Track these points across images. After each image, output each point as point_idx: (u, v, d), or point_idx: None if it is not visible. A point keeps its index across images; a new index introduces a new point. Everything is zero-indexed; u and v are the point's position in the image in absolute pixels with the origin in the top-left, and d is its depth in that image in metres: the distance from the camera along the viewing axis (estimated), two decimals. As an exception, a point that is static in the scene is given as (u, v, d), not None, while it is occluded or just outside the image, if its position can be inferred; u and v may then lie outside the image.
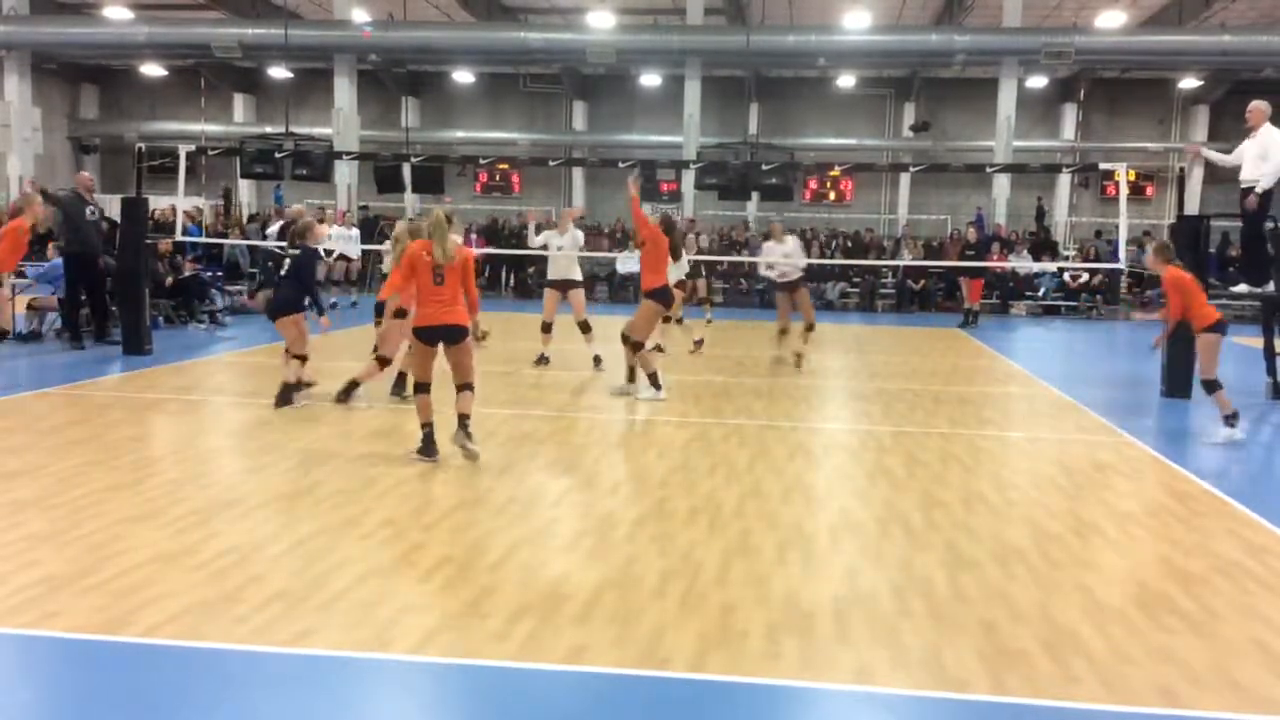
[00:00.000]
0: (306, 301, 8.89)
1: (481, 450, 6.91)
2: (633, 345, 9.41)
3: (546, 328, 11.44)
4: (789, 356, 11.98)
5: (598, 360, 11.29)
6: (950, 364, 12.89)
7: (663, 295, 9.54)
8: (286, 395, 8.68)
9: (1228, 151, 10.43)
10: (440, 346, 6.96)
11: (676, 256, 10.30)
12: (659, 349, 12.36)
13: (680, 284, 12.58)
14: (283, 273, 8.88)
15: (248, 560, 4.76)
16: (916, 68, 27.17)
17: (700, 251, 20.01)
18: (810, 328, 12.12)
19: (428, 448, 6.88)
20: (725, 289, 22.27)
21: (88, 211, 12.00)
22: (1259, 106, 10.06)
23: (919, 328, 17.97)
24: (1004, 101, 23.21)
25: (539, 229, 12.14)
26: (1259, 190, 9.89)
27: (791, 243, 12.34)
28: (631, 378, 9.61)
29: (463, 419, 6.90)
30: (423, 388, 6.99)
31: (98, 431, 7.50)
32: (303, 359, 8.84)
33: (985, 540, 5.40)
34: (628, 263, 19.70)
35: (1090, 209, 27.99)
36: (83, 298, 12.09)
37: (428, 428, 6.93)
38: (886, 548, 5.24)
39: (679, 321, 12.93)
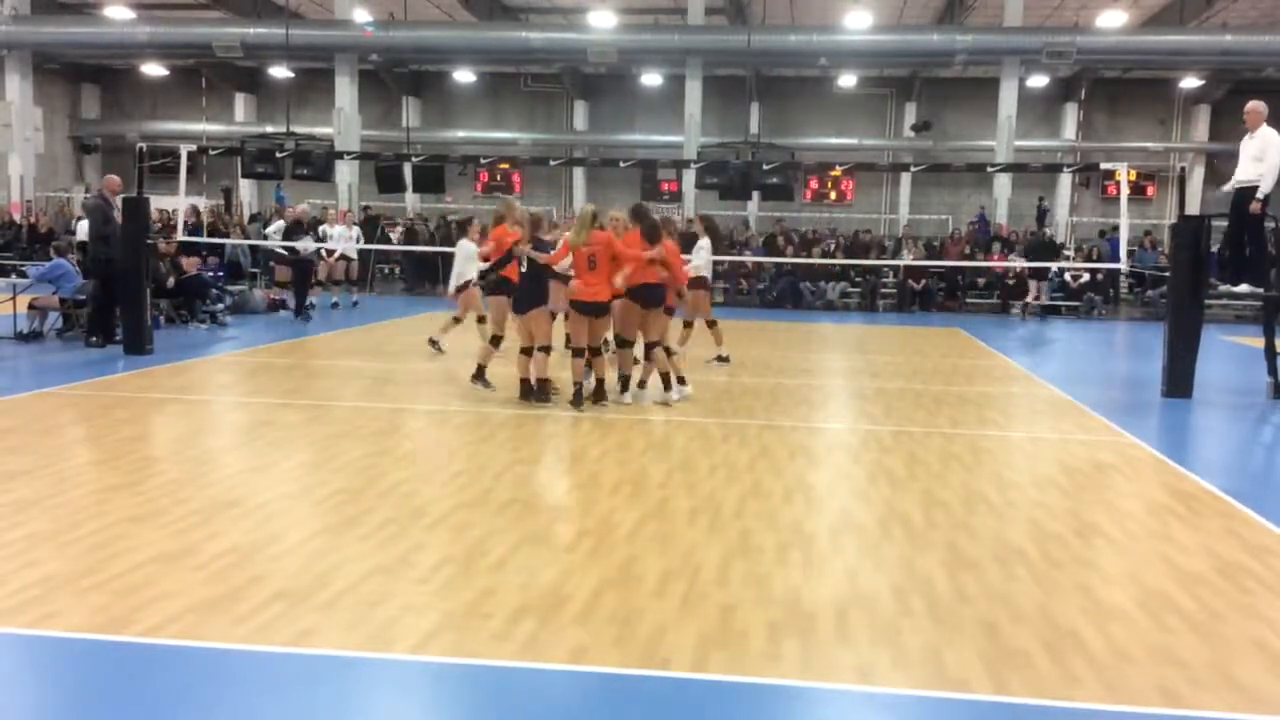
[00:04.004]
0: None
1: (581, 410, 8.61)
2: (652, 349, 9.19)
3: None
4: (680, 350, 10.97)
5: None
6: (951, 364, 12.88)
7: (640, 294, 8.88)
8: (544, 392, 8.87)
9: (1234, 155, 10.44)
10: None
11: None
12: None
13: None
14: (523, 269, 8.92)
15: (248, 560, 4.76)
16: (917, 67, 27.17)
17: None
18: (687, 325, 11.61)
19: (577, 399, 8.63)
20: (725, 289, 22.27)
21: (114, 214, 12.03)
22: (1256, 107, 10.05)
23: (920, 327, 17.97)
24: (1005, 101, 23.21)
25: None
26: (1260, 195, 9.88)
27: (702, 239, 11.78)
28: (667, 384, 9.17)
29: (599, 382, 8.76)
30: (578, 352, 8.64)
31: (98, 431, 7.50)
32: (547, 350, 8.94)
33: (986, 540, 5.40)
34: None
35: (1091, 209, 27.99)
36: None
37: (578, 385, 8.64)
38: (887, 548, 5.24)
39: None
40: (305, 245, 16.00)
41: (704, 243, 11.73)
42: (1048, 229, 24.87)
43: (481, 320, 11.41)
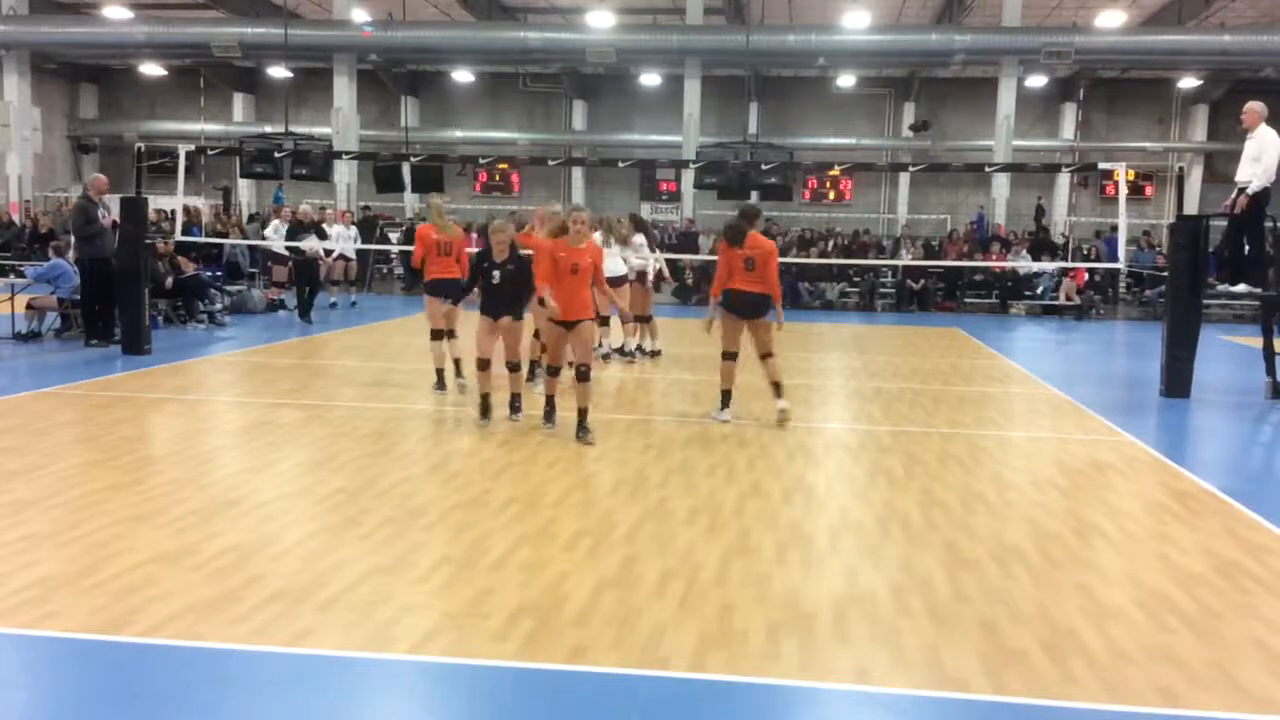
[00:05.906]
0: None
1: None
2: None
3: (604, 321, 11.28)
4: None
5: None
6: (950, 363, 12.89)
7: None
8: (487, 405, 8.17)
9: (1232, 155, 10.46)
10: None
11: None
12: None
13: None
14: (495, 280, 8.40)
15: (248, 560, 4.76)
16: (916, 67, 27.19)
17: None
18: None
19: (548, 415, 8.00)
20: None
21: (100, 214, 12.02)
22: (1254, 108, 10.05)
23: (918, 327, 17.97)
24: (1003, 101, 23.23)
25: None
26: (1250, 192, 9.89)
27: (635, 237, 12.17)
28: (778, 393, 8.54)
29: (548, 400, 8.06)
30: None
31: (97, 431, 7.50)
32: (485, 365, 8.11)
33: (985, 540, 5.40)
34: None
35: (1089, 209, 28.01)
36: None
37: (550, 401, 8.00)
38: (886, 548, 5.24)
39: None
40: (311, 245, 15.97)
41: (639, 239, 12.16)
42: (1045, 227, 24.90)
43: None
